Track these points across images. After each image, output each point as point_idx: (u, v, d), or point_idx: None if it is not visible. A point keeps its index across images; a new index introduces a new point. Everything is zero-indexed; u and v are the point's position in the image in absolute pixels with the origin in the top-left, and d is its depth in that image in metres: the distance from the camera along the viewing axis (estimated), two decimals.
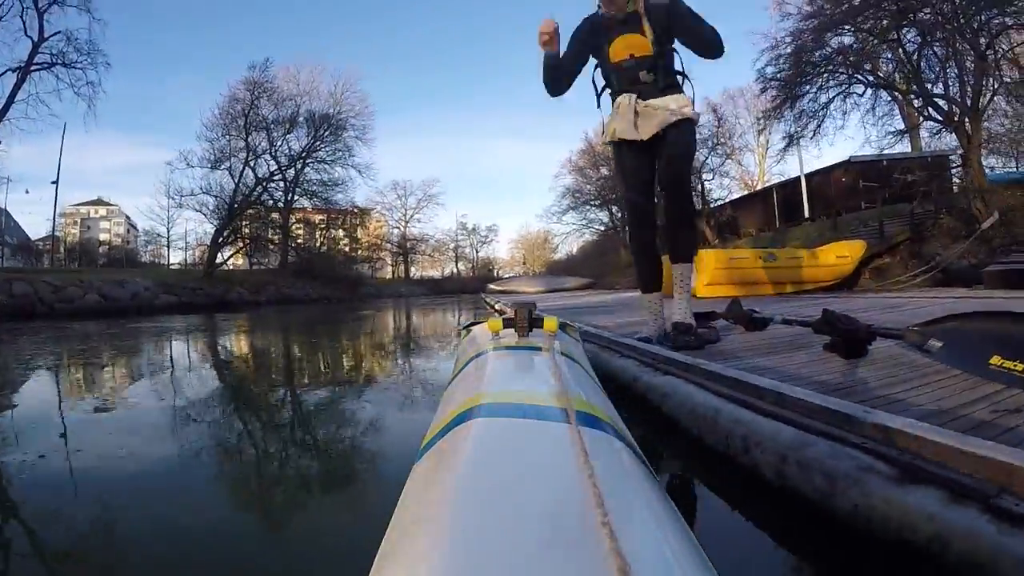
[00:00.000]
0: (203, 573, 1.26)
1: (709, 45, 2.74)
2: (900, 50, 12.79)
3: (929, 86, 12.66)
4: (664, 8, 2.71)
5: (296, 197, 36.60)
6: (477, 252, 62.80)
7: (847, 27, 12.91)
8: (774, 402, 1.71)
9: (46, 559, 1.36)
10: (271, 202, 35.76)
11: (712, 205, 30.45)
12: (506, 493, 0.50)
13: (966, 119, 11.73)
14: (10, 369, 4.85)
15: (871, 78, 14.08)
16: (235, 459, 2.18)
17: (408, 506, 0.57)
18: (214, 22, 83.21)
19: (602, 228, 42.65)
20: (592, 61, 3.02)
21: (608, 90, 3.01)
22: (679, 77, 2.86)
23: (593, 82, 3.05)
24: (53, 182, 29.96)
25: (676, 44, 2.87)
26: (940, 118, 12.62)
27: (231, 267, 34.97)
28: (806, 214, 21.01)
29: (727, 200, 31.04)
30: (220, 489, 1.88)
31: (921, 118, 14.09)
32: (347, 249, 43.67)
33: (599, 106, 3.06)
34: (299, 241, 38.83)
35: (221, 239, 32.24)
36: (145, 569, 1.28)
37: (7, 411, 3.02)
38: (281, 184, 35.65)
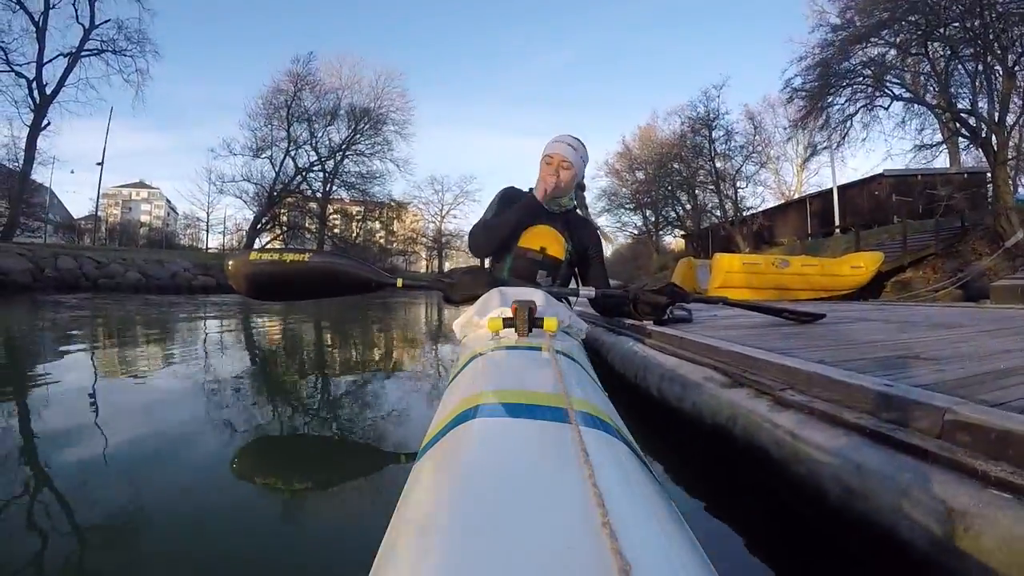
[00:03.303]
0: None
1: (603, 306, 2.65)
2: (928, 64, 12.78)
3: (957, 101, 12.59)
4: (590, 236, 2.61)
5: (335, 188, 37.16)
6: None
7: (873, 40, 12.93)
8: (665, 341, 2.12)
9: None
10: (310, 192, 36.57)
11: (745, 213, 30.26)
12: (506, 493, 0.50)
13: (992, 136, 11.73)
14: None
15: (898, 91, 14.06)
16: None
17: (408, 506, 0.58)
18: (257, 13, 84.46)
19: (635, 232, 42.66)
20: None
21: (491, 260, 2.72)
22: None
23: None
24: (98, 163, 30.80)
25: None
26: (967, 133, 12.58)
27: None
28: (837, 225, 20.96)
29: (761, 209, 30.81)
30: None
31: (948, 133, 14.00)
32: (383, 241, 44.30)
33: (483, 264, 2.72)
34: (336, 231, 39.50)
35: (260, 225, 33.28)
36: None
37: None
38: (320, 175, 36.28)
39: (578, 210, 2.69)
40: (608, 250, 2.83)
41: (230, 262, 2.45)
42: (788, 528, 1.22)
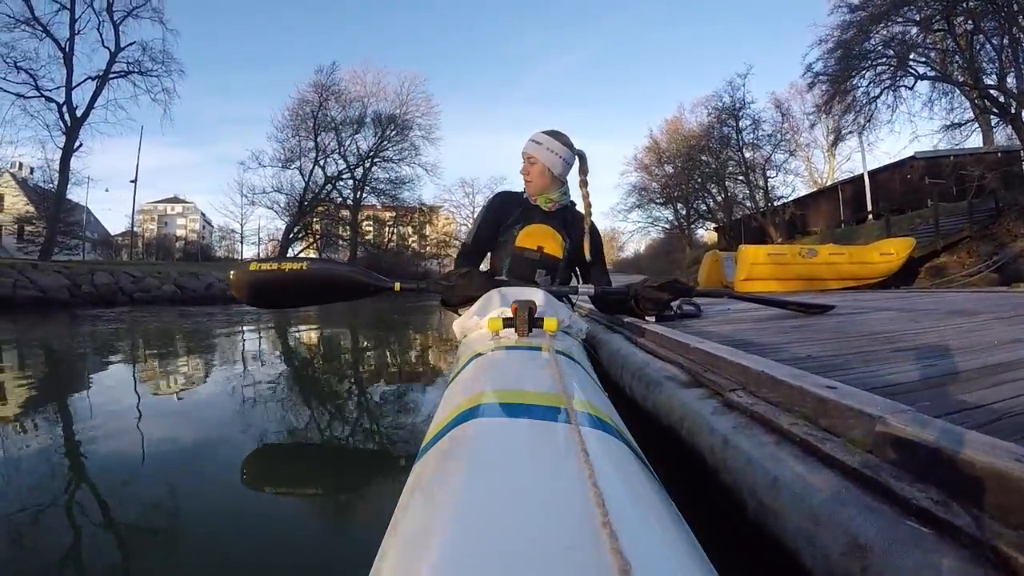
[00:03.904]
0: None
1: (603, 302, 2.63)
2: (952, 40, 12.31)
3: (985, 77, 12.08)
4: (588, 231, 2.61)
5: (364, 195, 37.44)
6: None
7: (894, 18, 12.44)
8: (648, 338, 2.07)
9: None
10: (340, 199, 37.03)
11: (776, 202, 29.64)
12: (506, 493, 0.50)
13: (1021, 111, 11.25)
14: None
15: (922, 70, 13.57)
16: None
17: (408, 506, 0.58)
18: (275, 25, 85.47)
19: (667, 226, 42.20)
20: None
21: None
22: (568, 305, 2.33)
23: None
24: (132, 181, 32.08)
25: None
26: (996, 110, 12.07)
27: None
28: (870, 211, 20.44)
29: (793, 197, 30.15)
30: None
31: (978, 110, 13.48)
32: (415, 246, 44.57)
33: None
34: (368, 237, 39.82)
35: (292, 235, 33.80)
36: None
37: None
38: (350, 182, 36.67)
39: (581, 189, 2.61)
40: (608, 251, 2.78)
41: (232, 273, 2.51)
42: (721, 547, 1.09)
